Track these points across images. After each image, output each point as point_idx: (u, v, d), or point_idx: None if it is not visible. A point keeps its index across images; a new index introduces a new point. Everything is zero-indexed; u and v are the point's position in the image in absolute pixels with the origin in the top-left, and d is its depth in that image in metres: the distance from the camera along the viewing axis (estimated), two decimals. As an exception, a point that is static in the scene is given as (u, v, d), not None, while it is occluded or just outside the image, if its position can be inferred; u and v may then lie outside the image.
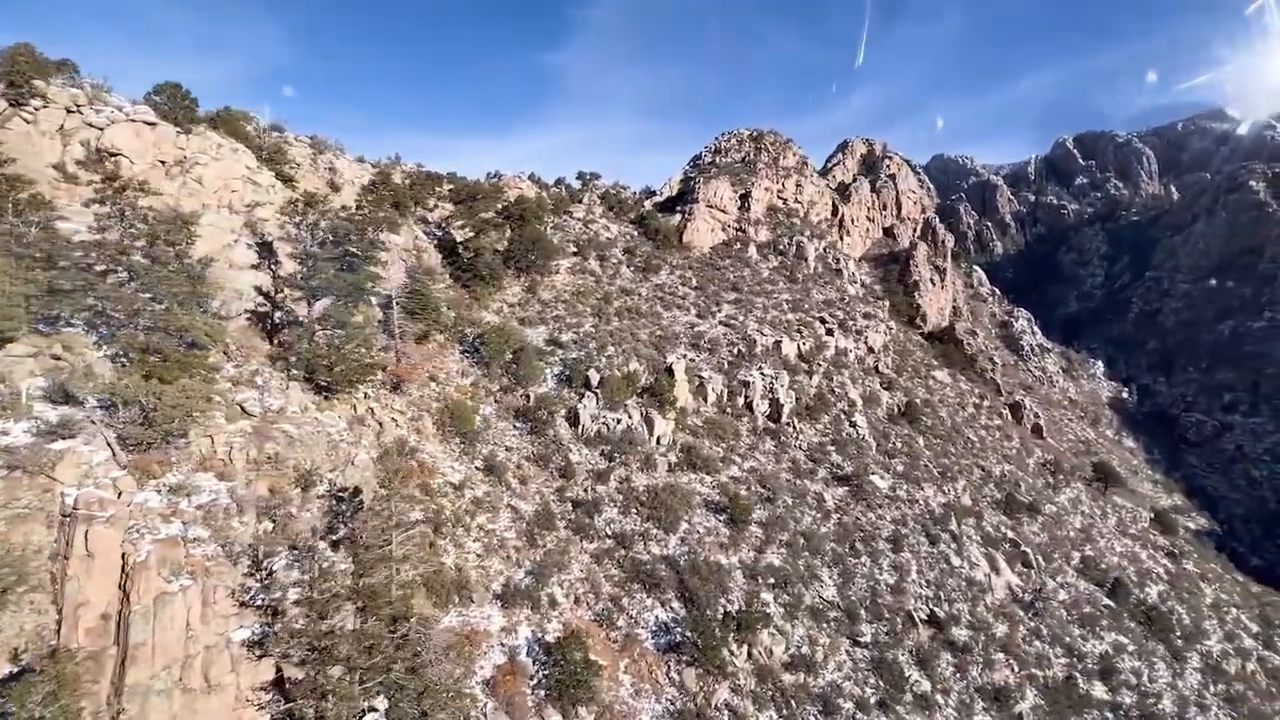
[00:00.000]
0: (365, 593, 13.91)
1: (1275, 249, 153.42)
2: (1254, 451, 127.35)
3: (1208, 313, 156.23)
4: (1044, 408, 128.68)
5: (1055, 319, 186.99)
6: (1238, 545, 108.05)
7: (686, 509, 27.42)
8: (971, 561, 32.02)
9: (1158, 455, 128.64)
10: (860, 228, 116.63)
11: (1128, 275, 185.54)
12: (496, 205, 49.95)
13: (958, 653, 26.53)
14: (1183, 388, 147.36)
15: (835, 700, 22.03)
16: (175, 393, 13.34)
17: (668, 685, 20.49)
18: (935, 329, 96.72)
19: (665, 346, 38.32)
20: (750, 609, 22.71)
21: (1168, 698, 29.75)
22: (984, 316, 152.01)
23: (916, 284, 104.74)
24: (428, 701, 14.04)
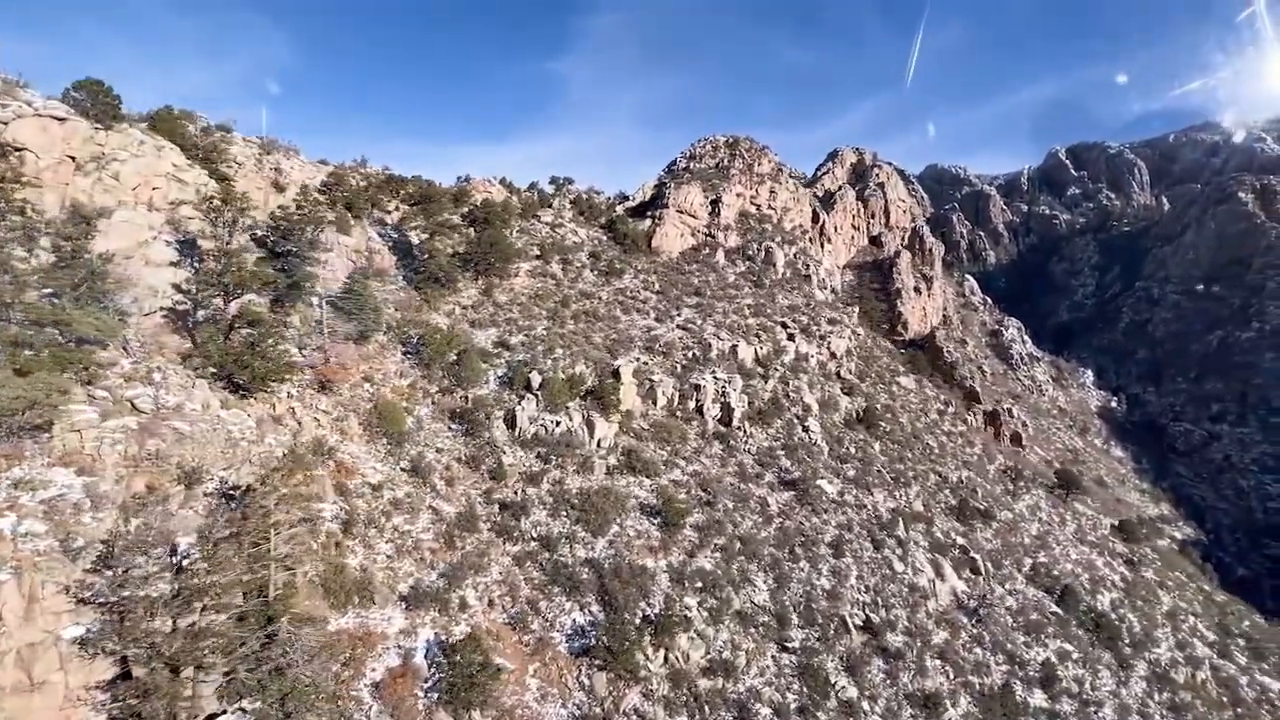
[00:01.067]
0: (228, 590, 13.72)
1: (1263, 260, 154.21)
2: (1241, 461, 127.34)
3: (1197, 323, 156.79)
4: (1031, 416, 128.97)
5: (1047, 328, 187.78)
6: (1223, 555, 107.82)
7: (619, 512, 27.22)
8: (916, 567, 31.80)
9: (1146, 464, 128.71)
10: (844, 235, 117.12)
11: (1118, 285, 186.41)
12: (463, 209, 50.22)
13: (890, 659, 26.26)
14: (1171, 397, 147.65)
15: (752, 706, 21.76)
16: (24, 386, 13.21)
17: (576, 689, 20.24)
18: (917, 336, 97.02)
19: (618, 350, 38.24)
20: (669, 613, 22.47)
21: (1109, 706, 29.46)
22: (974, 325, 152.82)
23: (899, 291, 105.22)
24: (292, 703, 13.83)
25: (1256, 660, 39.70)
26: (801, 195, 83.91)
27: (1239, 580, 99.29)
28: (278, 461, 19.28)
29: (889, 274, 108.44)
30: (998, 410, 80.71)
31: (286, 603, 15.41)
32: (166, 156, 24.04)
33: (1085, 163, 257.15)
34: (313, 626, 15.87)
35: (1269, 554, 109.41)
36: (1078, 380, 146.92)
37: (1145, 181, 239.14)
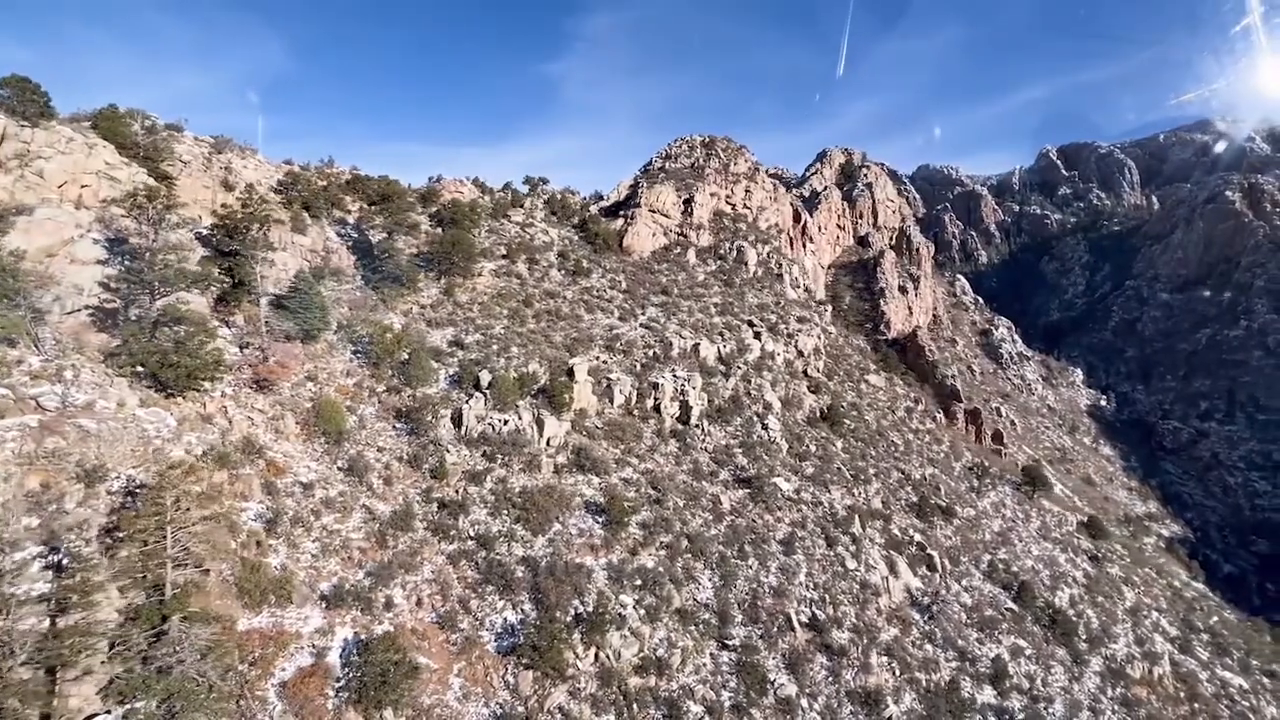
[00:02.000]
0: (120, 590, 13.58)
1: (1251, 258, 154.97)
2: (1229, 459, 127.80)
3: (1185, 322, 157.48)
4: (1020, 415, 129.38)
5: (1038, 327, 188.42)
6: (1210, 552, 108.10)
7: (563, 510, 27.10)
8: (869, 564, 31.70)
9: (1134, 462, 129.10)
10: (829, 235, 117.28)
11: (1108, 284, 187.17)
12: (431, 209, 50.14)
13: (834, 656, 26.14)
14: (1160, 395, 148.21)
15: (683, 703, 21.63)
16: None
17: (501, 688, 20.10)
18: (900, 335, 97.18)
19: (577, 348, 38.13)
20: (602, 611, 22.34)
21: (1060, 701, 29.39)
22: (964, 325, 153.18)
23: (882, 291, 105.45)
24: (179, 703, 13.68)
25: (1219, 655, 39.69)
26: (781, 195, 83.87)
27: (1226, 577, 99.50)
28: (194, 460, 19.15)
29: (873, 274, 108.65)
30: (979, 409, 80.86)
31: (184, 602, 15.26)
32: (98, 154, 23.91)
33: (1076, 163, 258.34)
34: (216, 626, 15.70)
35: (1256, 551, 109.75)
36: (1067, 379, 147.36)
37: (1136, 181, 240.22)
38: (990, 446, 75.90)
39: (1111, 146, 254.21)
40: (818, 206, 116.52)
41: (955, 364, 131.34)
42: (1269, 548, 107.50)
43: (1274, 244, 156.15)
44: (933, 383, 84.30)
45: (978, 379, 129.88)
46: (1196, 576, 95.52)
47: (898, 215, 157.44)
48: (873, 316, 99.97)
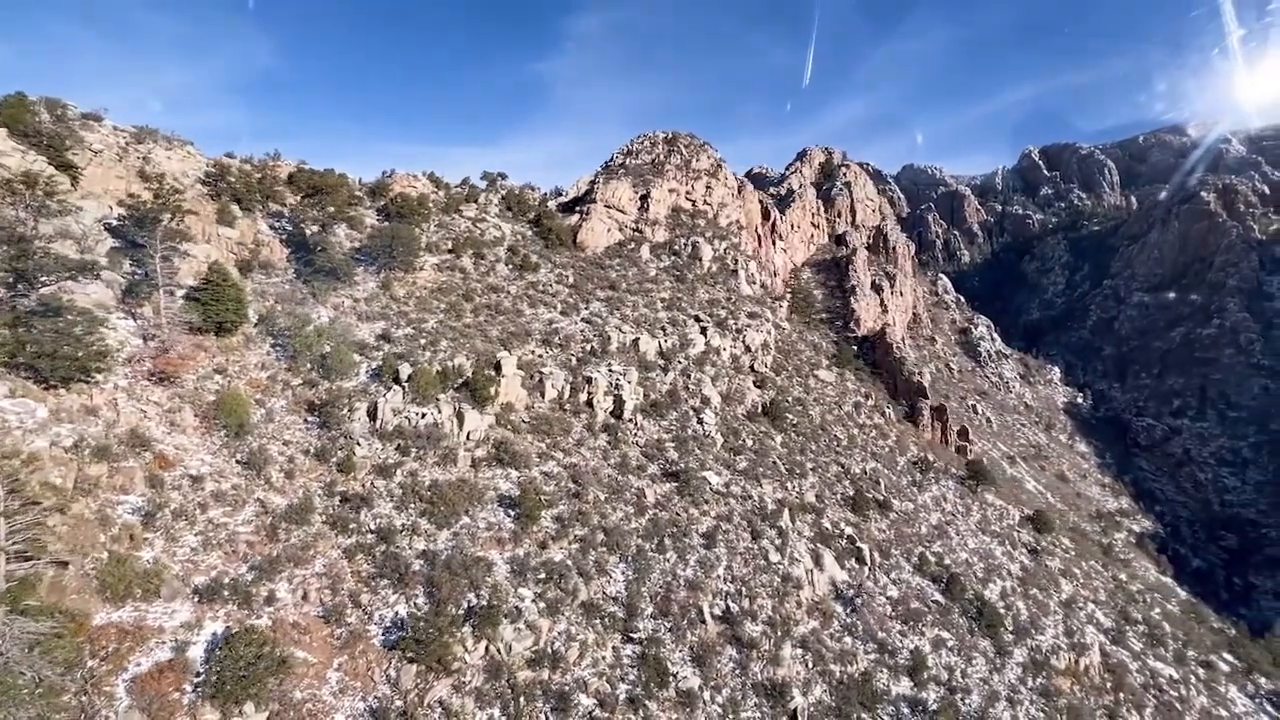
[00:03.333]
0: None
1: (1224, 258, 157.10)
2: (1200, 455, 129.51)
3: (1160, 320, 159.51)
4: (996, 413, 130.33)
5: (1018, 326, 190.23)
6: (1180, 547, 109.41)
7: (474, 504, 26.86)
8: (794, 558, 31.66)
9: (1109, 459, 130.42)
10: (802, 233, 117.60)
11: (1087, 284, 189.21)
12: (379, 203, 49.71)
13: (744, 648, 26.06)
14: (1135, 393, 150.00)
15: (574, 696, 21.45)
16: None
17: (382, 683, 19.84)
18: (870, 333, 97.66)
19: (513, 343, 37.88)
20: (494, 604, 22.13)
21: (977, 693, 29.47)
22: (944, 323, 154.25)
23: (853, 289, 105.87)
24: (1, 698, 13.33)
25: (1153, 646, 40.02)
26: (749, 193, 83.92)
27: (1194, 571, 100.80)
28: (62, 452, 18.77)
29: (845, 271, 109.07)
30: (944, 405, 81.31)
31: (22, 595, 14.91)
32: (-13, 142, 23.41)
33: (1058, 164, 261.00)
34: (57, 620, 15.35)
35: (1224, 545, 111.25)
36: (1045, 377, 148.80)
37: (1115, 182, 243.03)
38: (956, 443, 76.42)
39: (1093, 148, 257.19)
40: (792, 204, 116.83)
41: (934, 362, 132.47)
42: (1237, 543, 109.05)
43: (1247, 244, 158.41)
44: (900, 379, 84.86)
45: (956, 376, 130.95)
46: (1165, 571, 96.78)
47: (877, 214, 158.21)
48: (843, 314, 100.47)
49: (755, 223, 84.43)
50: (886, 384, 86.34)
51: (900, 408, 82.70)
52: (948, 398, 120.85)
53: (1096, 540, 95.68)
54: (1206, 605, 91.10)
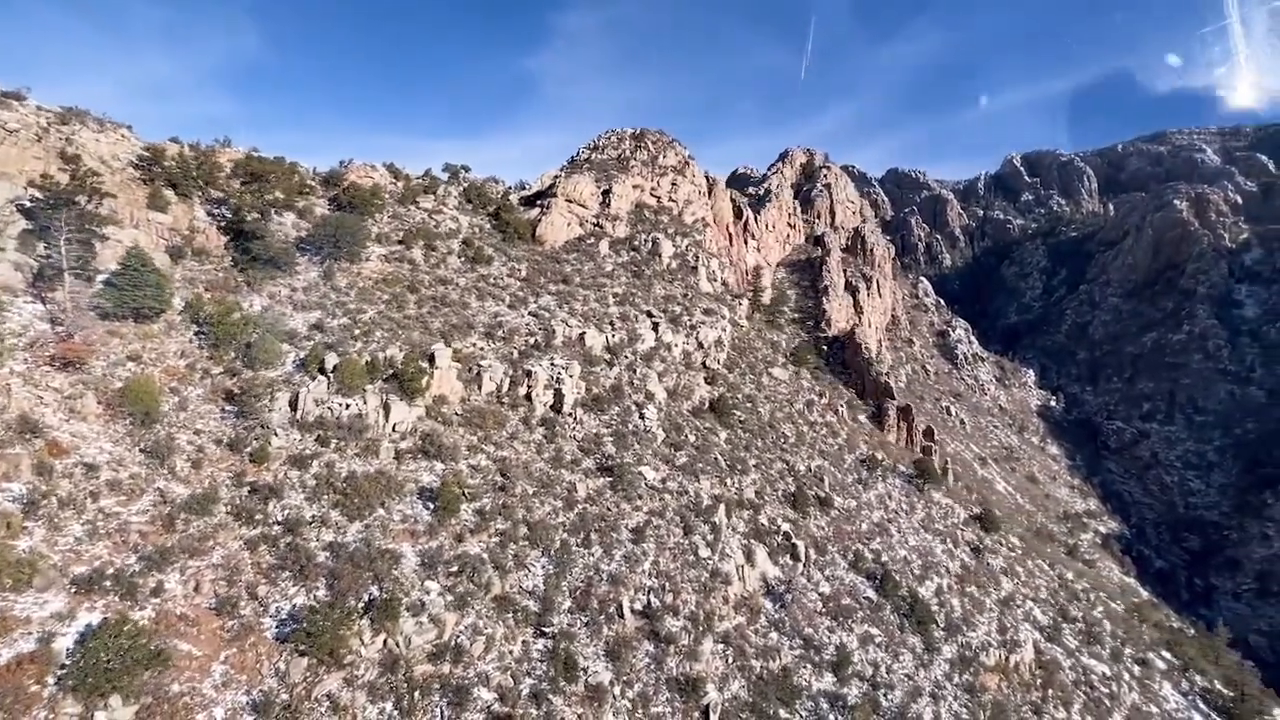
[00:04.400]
0: None
1: (1195, 265, 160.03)
2: (1167, 458, 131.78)
3: (1133, 325, 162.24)
4: (970, 414, 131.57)
5: (996, 329, 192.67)
6: (1144, 548, 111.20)
7: (391, 496, 26.47)
8: (725, 553, 31.60)
9: (1079, 461, 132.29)
10: (778, 233, 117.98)
11: (1064, 288, 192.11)
12: (332, 192, 48.96)
13: (661, 643, 25.92)
14: (1106, 397, 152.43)
15: (473, 691, 21.17)
16: None
17: (270, 676, 19.44)
18: (841, 333, 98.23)
19: (453, 335, 37.44)
20: (394, 597, 21.79)
21: (901, 689, 29.58)
22: (923, 325, 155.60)
23: (826, 289, 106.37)
24: None
25: (1089, 644, 40.47)
26: (720, 191, 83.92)
27: (1157, 572, 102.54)
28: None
29: (819, 272, 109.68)
30: (911, 405, 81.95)
31: None
32: (-122, 118, 22.60)
33: (1039, 170, 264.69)
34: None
35: (1187, 547, 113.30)
36: (1020, 380, 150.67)
37: (1094, 189, 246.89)
38: (922, 443, 77.06)
39: (1072, 155, 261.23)
40: (768, 204, 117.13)
41: (910, 363, 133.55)
42: (1199, 544, 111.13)
43: (1217, 252, 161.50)
44: (868, 379, 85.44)
45: (932, 378, 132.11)
46: (1129, 572, 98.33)
47: (858, 216, 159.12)
48: (815, 314, 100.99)
49: (727, 221, 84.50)
50: (855, 384, 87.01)
51: (867, 407, 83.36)
52: (922, 399, 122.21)
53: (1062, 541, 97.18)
54: (1167, 605, 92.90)
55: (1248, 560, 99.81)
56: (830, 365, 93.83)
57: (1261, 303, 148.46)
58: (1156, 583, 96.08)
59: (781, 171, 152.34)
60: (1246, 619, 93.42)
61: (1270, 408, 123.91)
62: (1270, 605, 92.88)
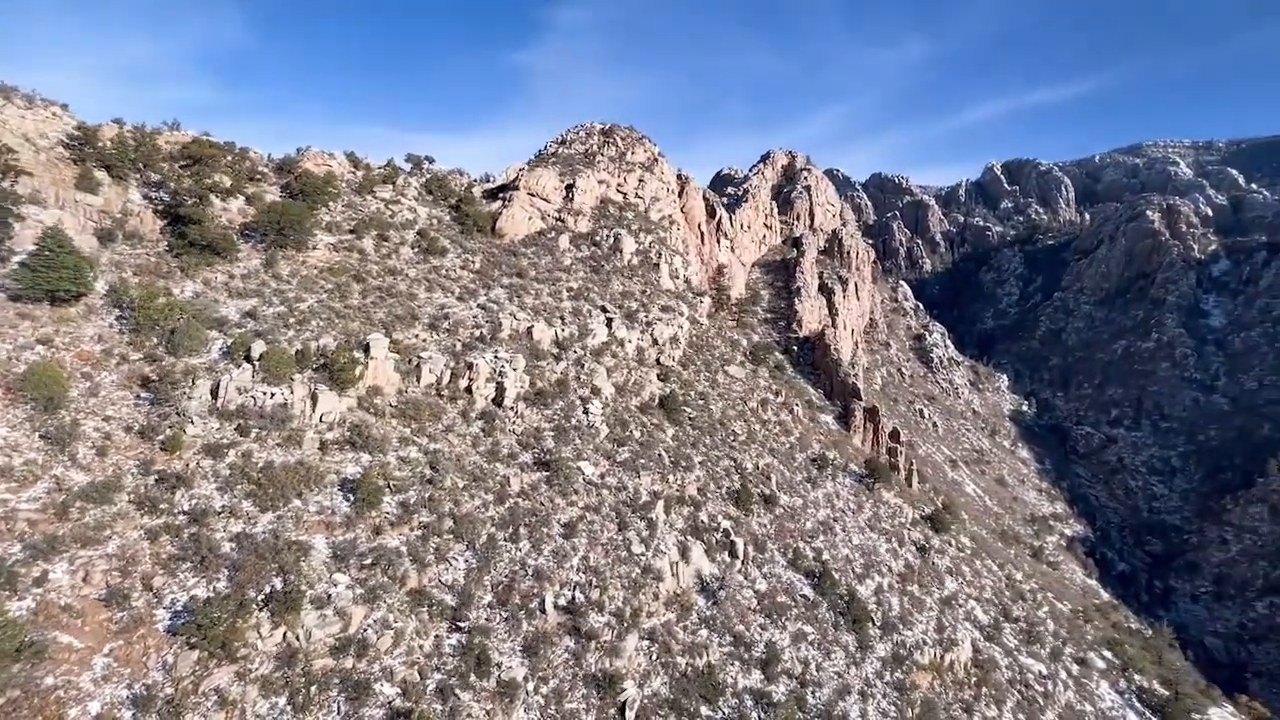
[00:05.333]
0: None
1: (1165, 275, 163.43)
2: (1133, 464, 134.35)
3: (1105, 333, 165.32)
4: (944, 417, 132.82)
5: (973, 334, 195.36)
6: (1108, 551, 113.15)
7: (310, 487, 25.89)
8: (659, 550, 31.39)
9: (1048, 465, 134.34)
10: (753, 233, 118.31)
11: (1039, 295, 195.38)
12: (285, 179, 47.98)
13: (582, 639, 25.66)
14: (1077, 402, 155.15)
15: (375, 686, 20.75)
16: None
17: (156, 669, 18.86)
18: (811, 334, 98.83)
19: (396, 326, 36.83)
20: (299, 590, 21.27)
21: (829, 686, 29.60)
22: (900, 329, 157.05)
23: (798, 290, 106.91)
24: None
25: (1028, 644, 40.91)
26: (693, 189, 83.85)
27: (1119, 574, 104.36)
28: None
29: (793, 273, 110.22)
30: (877, 406, 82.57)
31: None
32: None
33: (1019, 178, 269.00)
34: None
35: (1149, 550, 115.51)
36: (994, 384, 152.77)
37: (1071, 198, 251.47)
38: (888, 444, 77.66)
39: (1051, 165, 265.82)
40: (742, 203, 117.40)
41: (886, 366, 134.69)
42: (1161, 548, 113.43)
43: (1186, 263, 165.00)
44: (836, 380, 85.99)
45: (907, 381, 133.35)
46: (1091, 574, 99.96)
47: (837, 219, 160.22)
48: (788, 314, 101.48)
49: (699, 220, 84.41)
50: (823, 385, 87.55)
51: (835, 408, 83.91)
52: (896, 401, 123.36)
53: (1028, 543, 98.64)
54: (1127, 607, 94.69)
55: (1206, 564, 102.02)
56: (800, 365, 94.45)
57: (1228, 313, 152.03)
58: (1118, 585, 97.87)
59: (762, 173, 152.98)
60: (1203, 621, 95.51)
61: (1232, 415, 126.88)
62: (1225, 607, 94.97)
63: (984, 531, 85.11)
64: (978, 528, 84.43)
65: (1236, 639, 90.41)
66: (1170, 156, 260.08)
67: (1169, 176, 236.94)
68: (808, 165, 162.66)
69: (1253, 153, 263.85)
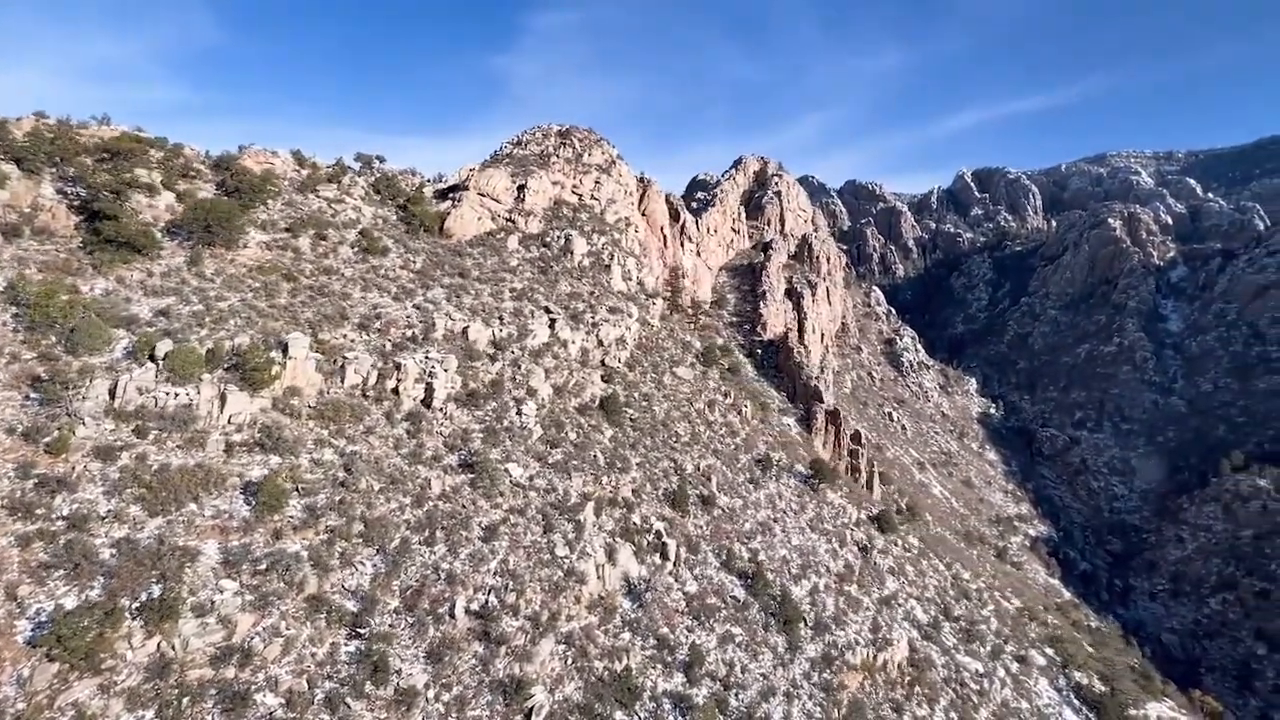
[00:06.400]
0: None
1: (1126, 281, 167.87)
2: (1095, 465, 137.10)
3: (1069, 337, 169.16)
4: (912, 420, 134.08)
5: (944, 338, 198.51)
6: (1070, 551, 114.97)
7: (207, 491, 24.91)
8: (585, 552, 30.85)
9: (1014, 467, 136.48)
10: (720, 237, 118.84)
11: (1008, 300, 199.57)
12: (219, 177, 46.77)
13: (492, 644, 24.99)
14: (1043, 405, 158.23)
15: (256, 696, 19.88)
16: None
17: (9, 684, 17.79)
18: (776, 337, 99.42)
19: (324, 325, 35.92)
20: (175, 597, 20.33)
21: (754, 688, 29.26)
22: (872, 333, 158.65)
23: (764, 294, 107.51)
24: None
25: (967, 642, 41.06)
26: (655, 193, 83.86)
27: (1080, 574, 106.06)
28: None
29: (759, 277, 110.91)
30: (839, 409, 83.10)
31: None
32: None
33: (989, 186, 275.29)
34: None
35: (1110, 550, 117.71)
36: (963, 387, 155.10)
37: (1039, 206, 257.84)
38: (849, 446, 78.13)
39: (1019, 173, 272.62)
40: (711, 208, 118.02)
41: (856, 369, 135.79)
42: (1121, 547, 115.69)
43: (1146, 269, 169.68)
44: (798, 383, 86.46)
45: (877, 385, 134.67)
46: (1054, 573, 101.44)
47: (809, 224, 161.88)
48: (753, 318, 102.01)
49: (661, 223, 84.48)
50: (786, 387, 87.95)
51: (797, 410, 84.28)
52: (865, 405, 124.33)
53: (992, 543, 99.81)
54: (1088, 605, 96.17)
55: (1164, 562, 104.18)
56: (764, 369, 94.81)
57: (1185, 317, 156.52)
58: (1079, 584, 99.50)
59: (734, 178, 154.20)
60: (1160, 618, 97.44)
61: (1189, 417, 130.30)
62: (1182, 604, 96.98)
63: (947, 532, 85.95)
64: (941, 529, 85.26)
65: (1191, 635, 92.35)
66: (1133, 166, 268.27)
67: (1131, 185, 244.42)
68: (779, 171, 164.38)
69: (1210, 163, 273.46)
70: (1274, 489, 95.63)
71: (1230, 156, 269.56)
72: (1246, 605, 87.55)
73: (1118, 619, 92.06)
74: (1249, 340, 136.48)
